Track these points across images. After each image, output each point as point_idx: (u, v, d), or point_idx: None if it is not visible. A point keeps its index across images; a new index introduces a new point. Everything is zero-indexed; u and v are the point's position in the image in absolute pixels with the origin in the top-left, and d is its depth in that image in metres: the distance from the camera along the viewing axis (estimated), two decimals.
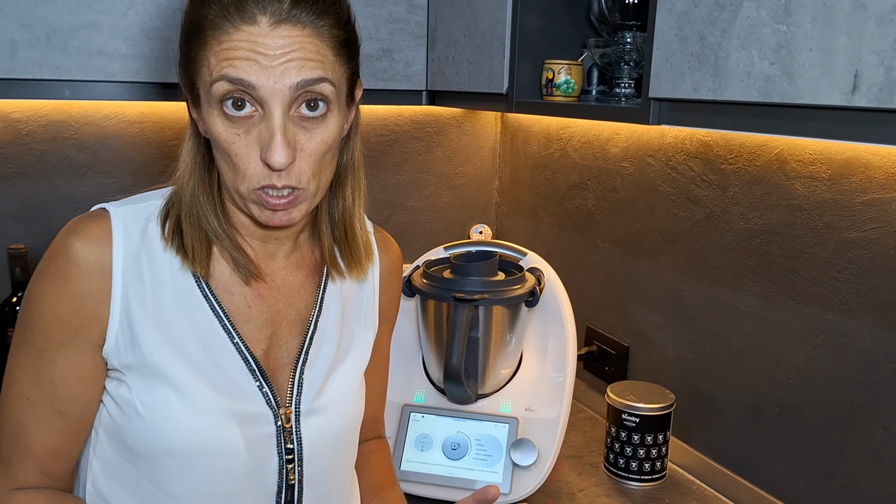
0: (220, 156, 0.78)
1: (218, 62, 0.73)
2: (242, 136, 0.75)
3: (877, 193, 1.03)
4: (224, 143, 0.75)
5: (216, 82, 0.73)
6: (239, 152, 0.75)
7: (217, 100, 0.74)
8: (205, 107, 0.76)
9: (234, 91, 0.73)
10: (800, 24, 0.76)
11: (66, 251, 0.79)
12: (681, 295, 1.37)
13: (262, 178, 0.76)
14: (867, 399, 1.07)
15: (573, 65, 1.24)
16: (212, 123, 0.76)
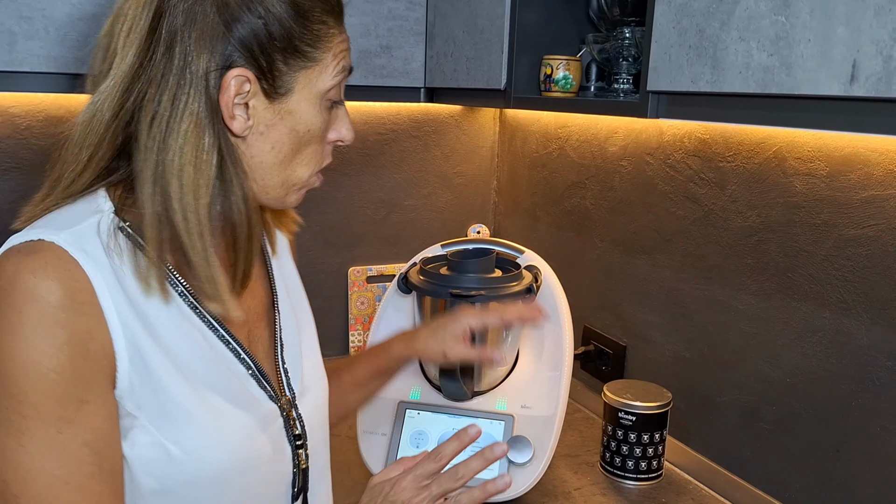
0: (295, 145, 0.79)
1: (342, 55, 0.79)
2: (330, 129, 0.83)
3: (875, 190, 1.03)
4: (319, 131, 0.80)
5: (338, 74, 0.79)
6: (322, 137, 0.82)
7: (327, 91, 0.79)
8: (303, 98, 0.78)
9: (341, 83, 0.81)
10: (798, 14, 0.76)
11: (38, 296, 0.67)
12: (678, 294, 1.37)
13: (326, 158, 0.85)
14: (865, 398, 1.06)
15: (571, 60, 1.24)
16: (311, 115, 0.79)
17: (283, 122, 0.78)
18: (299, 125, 0.78)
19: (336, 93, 0.80)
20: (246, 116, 0.75)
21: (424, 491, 0.84)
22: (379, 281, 1.87)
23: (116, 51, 0.73)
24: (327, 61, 0.78)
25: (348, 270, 1.85)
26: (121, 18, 0.73)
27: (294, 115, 0.78)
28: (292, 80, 0.76)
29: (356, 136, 1.78)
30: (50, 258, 0.69)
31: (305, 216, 1.79)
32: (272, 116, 0.77)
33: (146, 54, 0.72)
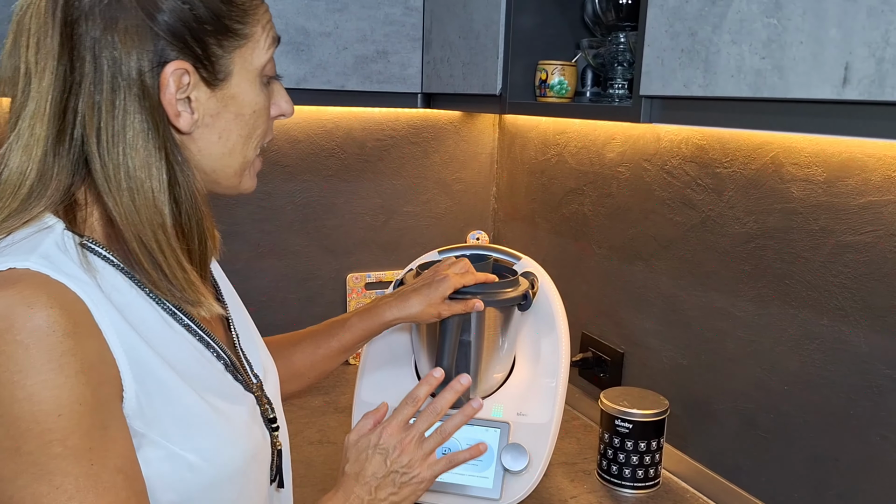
0: (243, 129, 0.77)
1: (269, 27, 0.77)
2: (270, 104, 0.81)
3: (873, 196, 1.02)
4: (262, 111, 0.78)
5: (268, 47, 0.77)
6: (268, 117, 0.80)
7: (262, 67, 0.77)
8: (243, 79, 0.75)
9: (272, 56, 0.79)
10: (791, 17, 0.75)
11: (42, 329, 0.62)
12: (676, 301, 1.36)
13: (269, 135, 0.82)
14: (863, 406, 1.05)
15: (566, 65, 1.23)
16: (252, 94, 0.77)
17: (228, 109, 0.75)
18: (244, 108, 0.76)
19: (271, 67, 0.79)
20: (190, 111, 0.72)
21: (412, 430, 0.88)
22: (378, 287, 1.87)
23: (30, 71, 0.67)
24: (258, 35, 0.75)
25: (347, 277, 1.84)
26: (23, 34, 0.68)
27: (237, 100, 0.75)
28: (229, 62, 0.73)
29: (354, 142, 1.79)
30: (37, 286, 0.64)
31: (304, 222, 1.79)
32: (216, 105, 0.74)
33: (67, 69, 0.67)
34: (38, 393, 0.61)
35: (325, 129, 1.77)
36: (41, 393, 0.62)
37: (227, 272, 1.04)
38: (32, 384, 0.61)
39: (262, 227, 1.77)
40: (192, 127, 0.73)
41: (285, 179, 1.76)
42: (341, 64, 1.49)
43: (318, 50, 1.47)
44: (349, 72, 1.51)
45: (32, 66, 0.67)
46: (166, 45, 0.68)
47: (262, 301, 1.79)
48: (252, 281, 1.77)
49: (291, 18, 1.44)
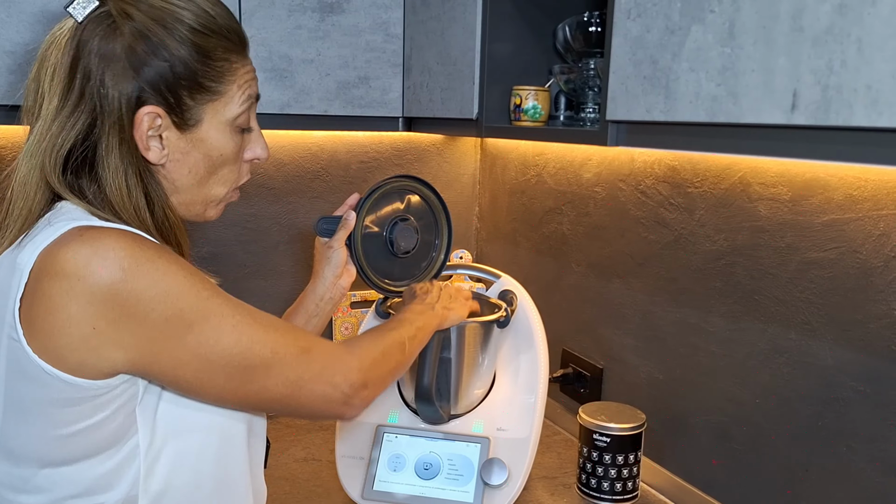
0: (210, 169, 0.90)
1: (248, 85, 0.89)
2: (242, 151, 0.93)
3: (835, 214, 1.06)
4: (231, 157, 0.91)
5: (244, 102, 0.89)
6: (239, 164, 0.93)
7: (235, 119, 0.89)
8: (212, 127, 0.87)
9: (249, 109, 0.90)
10: (743, 46, 0.79)
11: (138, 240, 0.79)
12: (651, 317, 1.39)
13: (243, 177, 0.95)
14: (831, 418, 1.08)
15: (540, 90, 1.27)
16: (223, 142, 0.89)
17: (196, 150, 0.88)
18: (212, 151, 0.89)
19: (245, 119, 0.90)
20: (161, 147, 0.85)
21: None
22: (363, 306, 1.89)
23: (44, 93, 0.83)
24: (232, 92, 0.88)
25: None
26: (45, 63, 0.83)
27: (205, 143, 0.88)
28: (200, 112, 0.86)
29: (339, 164, 1.83)
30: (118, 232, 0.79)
31: (289, 243, 1.82)
32: (185, 145, 0.87)
33: (68, 96, 0.82)
34: (167, 268, 0.78)
35: (311, 153, 1.81)
36: (169, 267, 0.78)
37: None
38: (159, 265, 0.78)
39: (248, 248, 1.80)
40: (161, 159, 0.86)
41: (271, 202, 1.79)
42: (324, 89, 1.53)
43: (301, 76, 1.51)
44: (331, 97, 1.54)
45: (46, 90, 0.83)
46: (144, 91, 0.82)
47: None
48: None
49: (275, 46, 1.48)
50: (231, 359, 0.81)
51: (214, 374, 0.81)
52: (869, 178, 1.01)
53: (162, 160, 0.86)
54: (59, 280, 0.75)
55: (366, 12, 1.53)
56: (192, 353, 0.79)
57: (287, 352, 0.85)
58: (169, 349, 0.78)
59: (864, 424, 1.04)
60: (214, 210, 0.95)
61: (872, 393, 1.02)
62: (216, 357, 0.80)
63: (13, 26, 1.29)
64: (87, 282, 0.74)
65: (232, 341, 0.81)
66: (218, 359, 0.80)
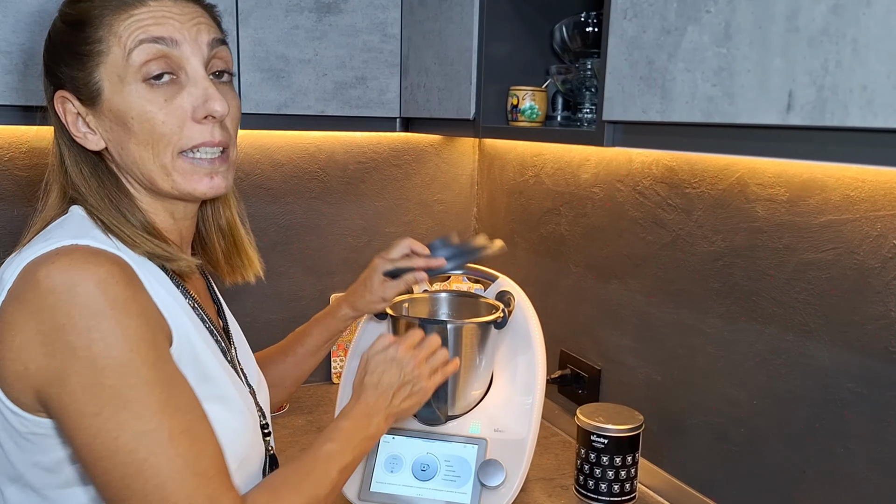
0: (136, 136, 0.80)
1: (131, 32, 0.79)
2: (167, 104, 0.80)
3: (833, 215, 1.06)
4: (149, 113, 0.80)
5: (134, 49, 0.78)
6: (166, 119, 0.80)
7: (137, 72, 0.79)
8: (117, 91, 0.79)
9: (156, 58, 0.79)
10: (739, 46, 0.79)
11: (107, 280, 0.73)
12: (649, 318, 1.39)
13: (196, 137, 0.82)
14: (828, 419, 1.08)
15: (537, 91, 1.27)
16: (132, 101, 0.79)
17: (115, 121, 0.81)
18: (124, 117, 0.80)
19: (151, 67, 0.79)
20: (91, 131, 0.82)
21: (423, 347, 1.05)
22: None
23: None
24: (115, 47, 0.79)
25: (330, 297, 1.87)
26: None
27: (115, 111, 0.80)
28: (95, 79, 0.80)
29: (337, 165, 1.82)
30: (91, 251, 0.75)
31: (287, 244, 1.82)
32: (105, 121, 0.81)
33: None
34: (111, 333, 0.71)
35: (308, 153, 1.81)
36: (114, 332, 0.71)
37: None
38: (106, 325, 0.71)
39: None
40: (99, 145, 0.83)
41: (269, 202, 1.79)
42: (321, 90, 1.53)
43: (298, 76, 1.51)
44: (329, 97, 1.54)
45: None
46: (49, 81, 0.83)
47: (247, 322, 1.80)
48: (236, 302, 1.79)
49: (272, 46, 1.48)
50: (115, 464, 0.72)
51: (96, 463, 0.73)
52: (866, 178, 1.01)
53: (101, 145, 0.82)
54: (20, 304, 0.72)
55: (363, 13, 1.53)
56: (88, 434, 0.72)
57: (179, 494, 0.73)
58: (72, 416, 0.72)
59: (861, 425, 1.03)
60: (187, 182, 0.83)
61: (869, 394, 1.02)
62: (104, 451, 0.72)
63: (9, 26, 1.29)
64: (37, 317, 0.71)
65: (127, 449, 0.72)
66: (105, 454, 0.72)
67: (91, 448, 0.72)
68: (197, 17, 0.82)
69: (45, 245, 0.75)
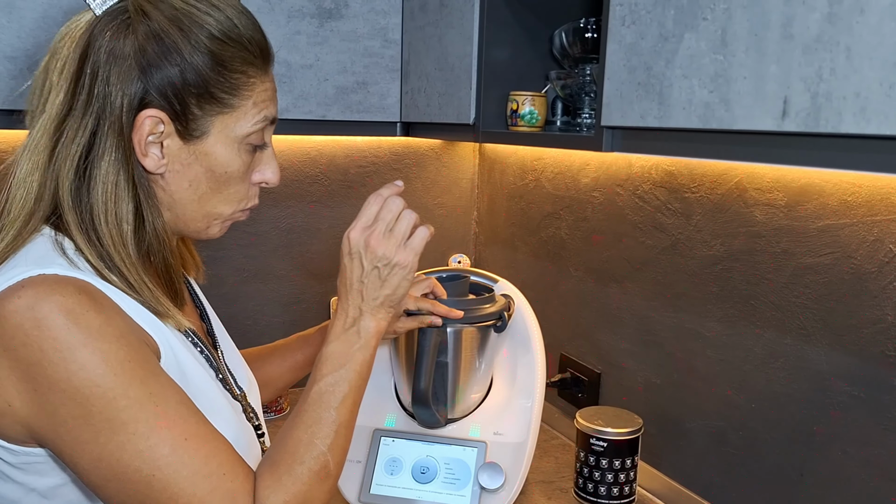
0: (210, 186, 0.83)
1: (262, 107, 0.84)
2: (249, 171, 0.87)
3: (830, 220, 1.06)
4: (237, 172, 0.84)
5: (259, 123, 0.83)
6: (243, 178, 0.86)
7: (249, 140, 0.84)
8: (219, 141, 0.82)
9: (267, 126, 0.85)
10: (735, 53, 0.80)
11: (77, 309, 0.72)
12: (648, 321, 1.40)
13: (251, 199, 0.89)
14: (825, 422, 1.09)
15: (536, 96, 1.28)
16: (229, 159, 0.83)
17: (199, 163, 0.82)
18: (216, 166, 0.83)
19: (258, 137, 0.85)
20: (160, 155, 0.80)
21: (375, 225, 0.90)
22: None
23: (51, 86, 0.79)
24: (246, 108, 0.82)
25: (331, 300, 1.88)
26: (55, 56, 0.79)
27: (210, 157, 0.82)
28: (208, 123, 0.81)
29: (338, 168, 1.83)
30: (57, 280, 0.73)
31: (288, 247, 1.83)
32: (188, 156, 0.81)
33: (74, 91, 0.77)
34: (90, 361, 0.70)
35: (309, 157, 1.82)
36: (92, 360, 0.71)
37: (213, 296, 1.09)
38: (82, 355, 0.70)
39: (247, 252, 1.80)
40: (159, 168, 0.80)
41: (270, 205, 1.80)
42: (322, 94, 1.54)
43: (300, 81, 1.52)
44: (330, 102, 1.55)
45: (54, 83, 0.78)
46: (149, 94, 0.77)
47: (248, 325, 1.82)
48: (238, 305, 1.80)
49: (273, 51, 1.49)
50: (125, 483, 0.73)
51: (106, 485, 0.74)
52: (863, 183, 1.02)
53: (160, 169, 0.80)
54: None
55: (364, 18, 1.54)
56: (89, 459, 0.72)
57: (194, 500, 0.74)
58: (70, 444, 0.72)
59: (858, 429, 1.04)
60: (217, 228, 0.88)
61: (867, 398, 1.03)
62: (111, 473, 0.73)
63: (14, 32, 1.30)
64: (9, 355, 0.70)
65: (132, 468, 0.72)
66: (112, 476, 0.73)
67: (97, 472, 0.73)
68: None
69: (10, 277, 0.73)
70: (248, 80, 0.82)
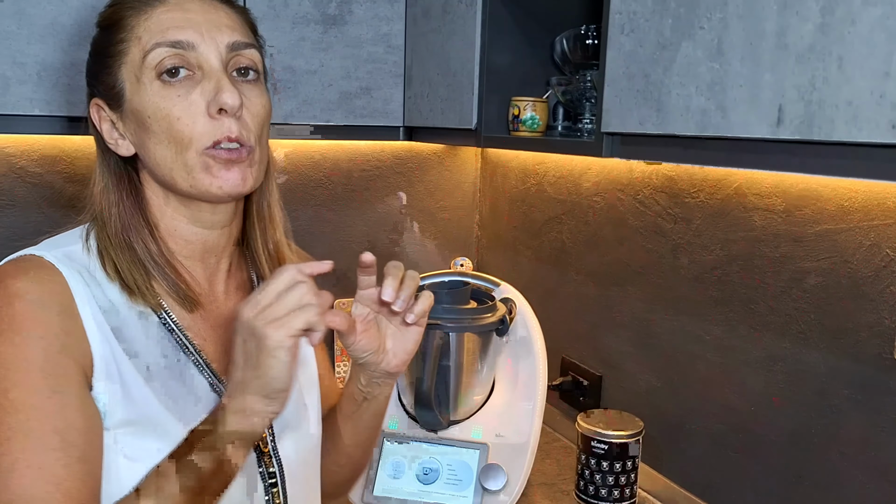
0: (156, 137, 0.79)
1: (151, 34, 0.78)
2: (183, 98, 0.78)
3: (828, 224, 1.08)
4: (164, 110, 0.78)
5: (150, 52, 0.78)
6: (181, 114, 0.78)
7: (152, 70, 0.78)
8: (135, 91, 0.79)
9: (171, 56, 0.78)
10: (731, 62, 0.81)
11: (19, 294, 0.73)
12: (649, 325, 1.41)
13: (214, 132, 0.78)
14: (823, 425, 1.10)
15: (538, 101, 1.30)
16: (148, 99, 0.78)
17: (136, 122, 0.80)
18: (144, 115, 0.79)
19: (167, 62, 0.77)
20: (121, 136, 0.82)
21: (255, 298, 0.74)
22: None
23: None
24: (132, 43, 0.79)
25: (333, 303, 1.89)
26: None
27: (137, 111, 0.80)
28: (119, 79, 0.80)
29: (341, 172, 1.85)
30: (32, 266, 0.76)
31: None
32: (130, 122, 0.81)
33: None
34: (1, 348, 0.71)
35: (313, 161, 1.83)
36: (2, 348, 0.71)
37: None
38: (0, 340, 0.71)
39: None
40: (129, 150, 0.82)
41: None
42: (326, 100, 1.56)
43: (305, 87, 1.53)
44: (334, 107, 1.57)
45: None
46: (87, 88, 0.84)
47: None
48: None
49: (279, 57, 1.51)
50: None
51: None
52: (860, 189, 1.03)
53: (132, 150, 0.82)
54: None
55: (368, 24, 1.56)
56: None
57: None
58: None
59: (855, 431, 1.05)
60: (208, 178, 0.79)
61: (864, 400, 1.04)
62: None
63: (23, 38, 1.32)
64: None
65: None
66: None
67: None
68: (220, 19, 0.81)
69: (26, 250, 0.79)
70: (129, 22, 0.79)
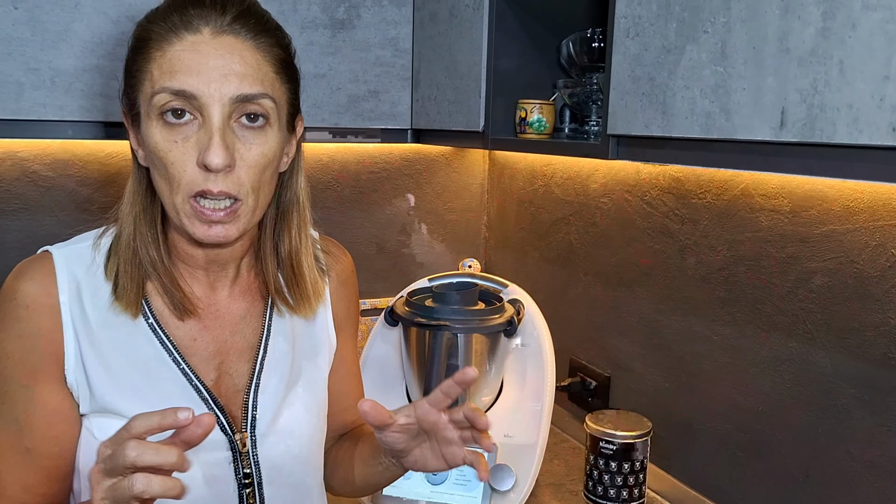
0: (157, 170, 0.79)
1: (161, 74, 0.76)
2: (180, 144, 0.77)
3: (834, 225, 1.08)
4: (161, 151, 0.77)
5: (157, 94, 0.76)
6: (175, 160, 0.77)
7: (157, 110, 0.77)
8: (144, 122, 0.79)
9: (174, 101, 0.76)
10: (734, 65, 0.82)
11: (12, 294, 0.82)
12: (657, 325, 1.41)
13: (199, 183, 0.77)
14: (830, 424, 1.10)
15: (545, 104, 1.31)
16: (150, 135, 0.78)
17: (146, 148, 0.81)
18: (150, 148, 0.79)
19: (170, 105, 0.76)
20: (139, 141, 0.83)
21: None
22: (372, 314, 1.93)
23: None
24: (146, 76, 0.78)
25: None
26: None
27: (146, 140, 0.80)
28: (136, 102, 0.81)
29: (349, 174, 1.86)
30: (36, 266, 0.84)
31: None
32: (143, 144, 0.82)
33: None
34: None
35: (322, 163, 1.85)
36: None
37: None
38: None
39: None
40: (144, 161, 0.84)
41: None
42: (335, 103, 1.57)
43: (313, 91, 1.55)
44: (342, 110, 1.58)
45: None
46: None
47: None
48: None
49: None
50: None
51: None
52: (865, 189, 1.03)
53: (146, 162, 0.82)
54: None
55: (376, 28, 1.57)
56: None
57: None
58: None
59: (862, 430, 1.06)
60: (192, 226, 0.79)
61: (870, 399, 1.04)
62: None
63: (37, 44, 1.33)
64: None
65: None
66: None
67: None
68: (230, 65, 0.77)
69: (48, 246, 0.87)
70: (153, 46, 0.78)
